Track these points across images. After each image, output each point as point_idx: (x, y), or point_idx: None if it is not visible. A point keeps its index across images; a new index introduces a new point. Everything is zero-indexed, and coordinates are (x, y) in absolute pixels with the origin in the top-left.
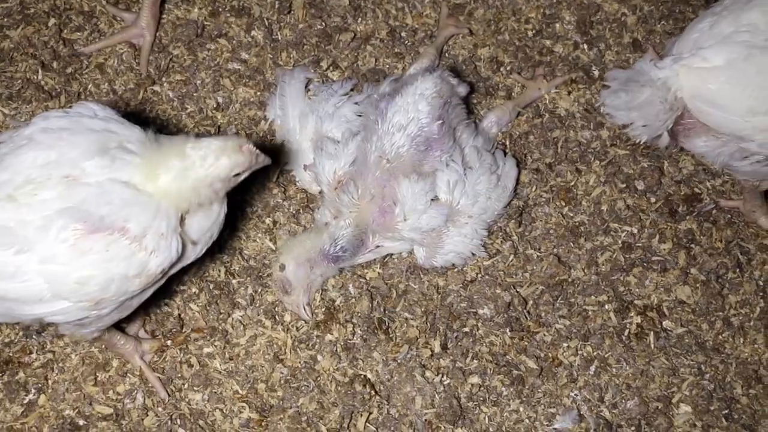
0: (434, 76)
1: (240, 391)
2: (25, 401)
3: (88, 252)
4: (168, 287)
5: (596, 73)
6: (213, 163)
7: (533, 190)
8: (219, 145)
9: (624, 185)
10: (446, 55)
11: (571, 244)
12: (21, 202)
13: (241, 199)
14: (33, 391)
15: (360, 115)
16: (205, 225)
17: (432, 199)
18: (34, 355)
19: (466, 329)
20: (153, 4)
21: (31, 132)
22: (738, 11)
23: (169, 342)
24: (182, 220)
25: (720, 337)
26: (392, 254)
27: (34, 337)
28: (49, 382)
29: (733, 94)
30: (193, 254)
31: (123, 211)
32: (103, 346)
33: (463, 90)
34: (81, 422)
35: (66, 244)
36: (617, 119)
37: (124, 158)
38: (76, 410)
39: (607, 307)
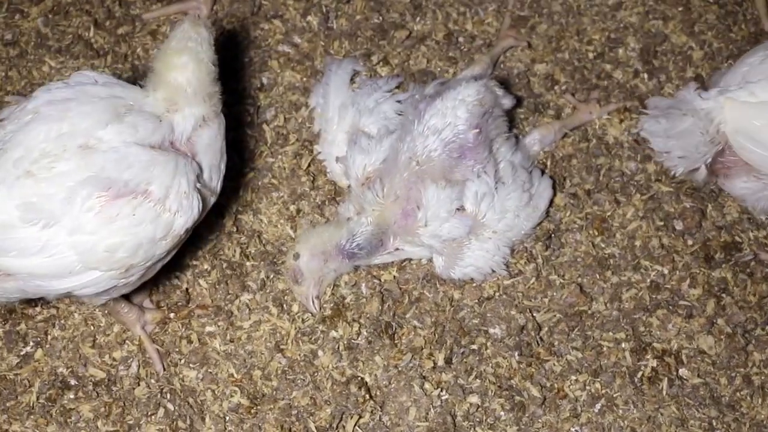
0: (478, 84)
1: (235, 375)
2: (22, 353)
3: (115, 218)
4: (180, 260)
5: None
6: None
7: (567, 214)
8: (188, 29)
9: (662, 223)
10: (501, 66)
11: (597, 275)
12: (40, 177)
13: (269, 184)
14: (31, 344)
15: (400, 114)
16: (214, 147)
17: (457, 209)
18: (38, 308)
19: (474, 347)
20: None
21: (36, 105)
22: None
23: (172, 315)
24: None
25: (738, 394)
26: (411, 259)
27: None
28: (48, 337)
29: None
30: (212, 200)
31: (144, 173)
32: (107, 311)
33: (508, 102)
34: (72, 382)
35: (92, 212)
36: (655, 145)
37: (137, 119)
38: (70, 369)
39: (623, 345)
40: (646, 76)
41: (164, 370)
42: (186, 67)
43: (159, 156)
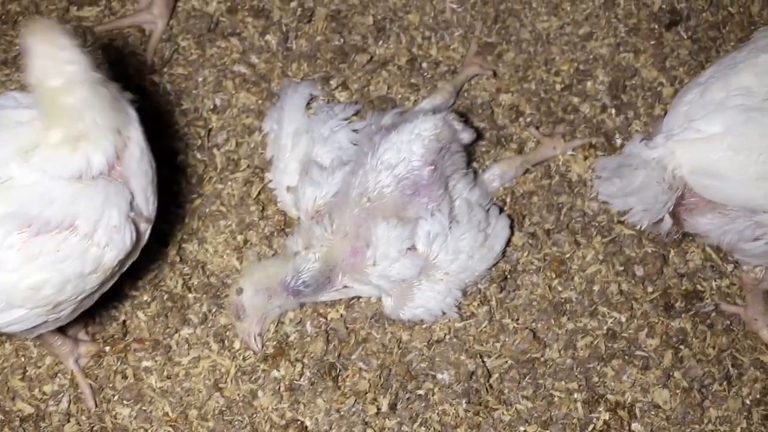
0: (435, 118)
1: (170, 414)
2: None
3: (38, 255)
4: (119, 290)
5: (618, 141)
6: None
7: (525, 255)
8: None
9: (622, 268)
10: (465, 95)
11: (552, 320)
12: None
13: (217, 211)
14: None
15: (355, 144)
16: (143, 166)
17: (409, 248)
18: None
19: (421, 392)
20: None
21: None
22: (726, 77)
23: (107, 348)
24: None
25: None
26: (360, 297)
27: None
28: None
29: (739, 161)
30: (148, 228)
31: (69, 208)
32: (38, 343)
33: (467, 137)
34: None
35: (13, 249)
36: (615, 206)
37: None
38: None
39: (576, 396)
40: (614, 111)
41: (96, 406)
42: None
43: (86, 188)
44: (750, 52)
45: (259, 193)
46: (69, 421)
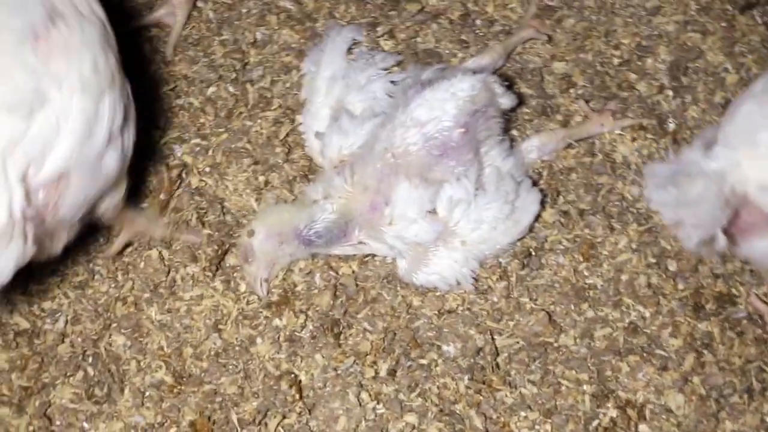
0: (474, 78)
1: (165, 349)
2: None
3: None
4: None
5: (671, 126)
6: None
7: (554, 233)
8: None
9: (654, 260)
10: (516, 58)
11: (572, 306)
12: None
13: (242, 148)
14: None
15: (391, 96)
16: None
17: (429, 211)
18: None
19: (424, 361)
20: None
21: None
22: None
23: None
24: None
25: None
26: (375, 255)
27: None
28: None
29: None
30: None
31: None
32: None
33: (507, 102)
34: None
35: None
36: (665, 217)
37: None
38: None
39: (585, 387)
40: (671, 93)
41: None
42: None
43: None
44: None
45: (287, 135)
46: (63, 342)
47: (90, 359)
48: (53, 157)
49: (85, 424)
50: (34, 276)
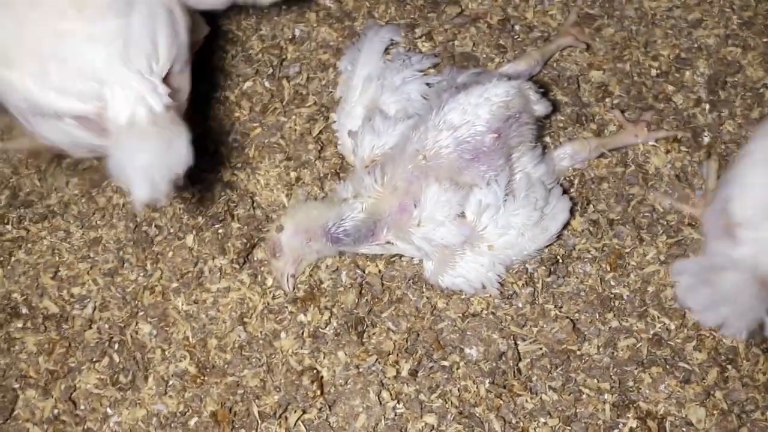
0: (509, 84)
1: (190, 339)
2: None
3: None
4: None
5: (706, 139)
6: None
7: (582, 242)
8: None
9: None
10: (553, 65)
11: (597, 315)
12: None
13: (275, 144)
14: None
15: (426, 98)
16: None
17: (458, 215)
18: (9, 227)
19: (446, 363)
20: None
21: None
22: None
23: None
24: None
25: None
26: (402, 256)
27: (16, 208)
28: (12, 259)
29: None
30: None
31: None
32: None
33: (541, 109)
34: (24, 311)
35: None
36: (707, 321)
37: None
38: (24, 297)
39: (606, 396)
40: (707, 106)
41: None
42: None
43: None
44: None
45: (320, 132)
46: (90, 328)
47: (116, 346)
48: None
49: (109, 410)
50: (65, 262)
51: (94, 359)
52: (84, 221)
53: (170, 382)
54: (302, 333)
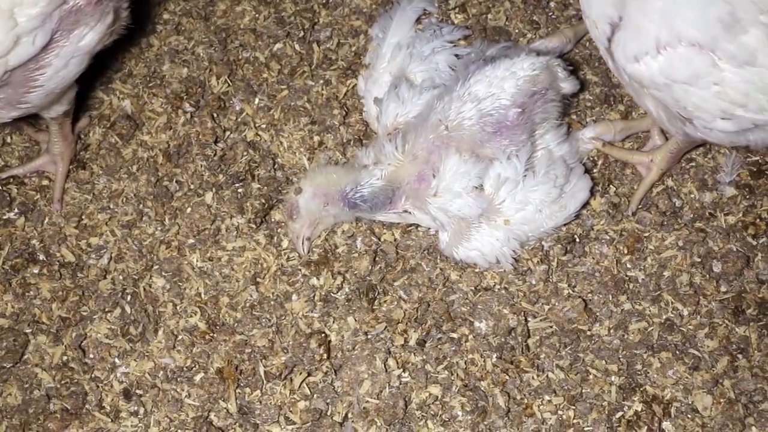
0: (537, 60)
1: (202, 296)
2: (4, 217)
3: None
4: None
5: None
6: None
7: (600, 223)
8: None
9: (699, 260)
10: (586, 44)
11: (610, 296)
12: None
13: (301, 107)
14: (16, 210)
15: (453, 69)
16: None
17: (476, 187)
18: (35, 178)
19: (454, 335)
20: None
21: None
22: None
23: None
24: None
25: None
26: (418, 225)
27: None
28: (35, 207)
29: None
30: None
31: None
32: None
33: (568, 87)
34: (41, 257)
35: None
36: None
37: None
38: (42, 245)
39: (613, 378)
40: None
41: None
42: None
43: None
44: None
45: (346, 98)
46: (105, 278)
47: (128, 298)
48: None
49: (117, 360)
50: (86, 211)
51: (107, 309)
52: (108, 173)
53: (179, 337)
54: (313, 296)
